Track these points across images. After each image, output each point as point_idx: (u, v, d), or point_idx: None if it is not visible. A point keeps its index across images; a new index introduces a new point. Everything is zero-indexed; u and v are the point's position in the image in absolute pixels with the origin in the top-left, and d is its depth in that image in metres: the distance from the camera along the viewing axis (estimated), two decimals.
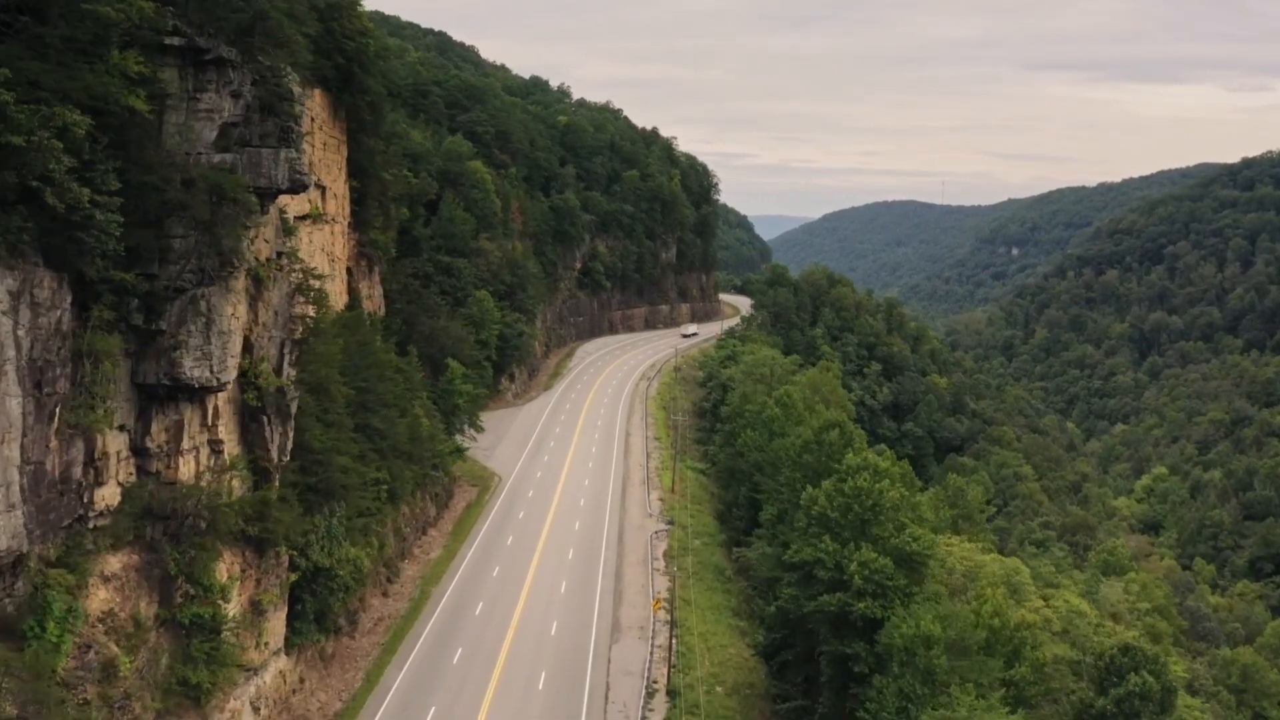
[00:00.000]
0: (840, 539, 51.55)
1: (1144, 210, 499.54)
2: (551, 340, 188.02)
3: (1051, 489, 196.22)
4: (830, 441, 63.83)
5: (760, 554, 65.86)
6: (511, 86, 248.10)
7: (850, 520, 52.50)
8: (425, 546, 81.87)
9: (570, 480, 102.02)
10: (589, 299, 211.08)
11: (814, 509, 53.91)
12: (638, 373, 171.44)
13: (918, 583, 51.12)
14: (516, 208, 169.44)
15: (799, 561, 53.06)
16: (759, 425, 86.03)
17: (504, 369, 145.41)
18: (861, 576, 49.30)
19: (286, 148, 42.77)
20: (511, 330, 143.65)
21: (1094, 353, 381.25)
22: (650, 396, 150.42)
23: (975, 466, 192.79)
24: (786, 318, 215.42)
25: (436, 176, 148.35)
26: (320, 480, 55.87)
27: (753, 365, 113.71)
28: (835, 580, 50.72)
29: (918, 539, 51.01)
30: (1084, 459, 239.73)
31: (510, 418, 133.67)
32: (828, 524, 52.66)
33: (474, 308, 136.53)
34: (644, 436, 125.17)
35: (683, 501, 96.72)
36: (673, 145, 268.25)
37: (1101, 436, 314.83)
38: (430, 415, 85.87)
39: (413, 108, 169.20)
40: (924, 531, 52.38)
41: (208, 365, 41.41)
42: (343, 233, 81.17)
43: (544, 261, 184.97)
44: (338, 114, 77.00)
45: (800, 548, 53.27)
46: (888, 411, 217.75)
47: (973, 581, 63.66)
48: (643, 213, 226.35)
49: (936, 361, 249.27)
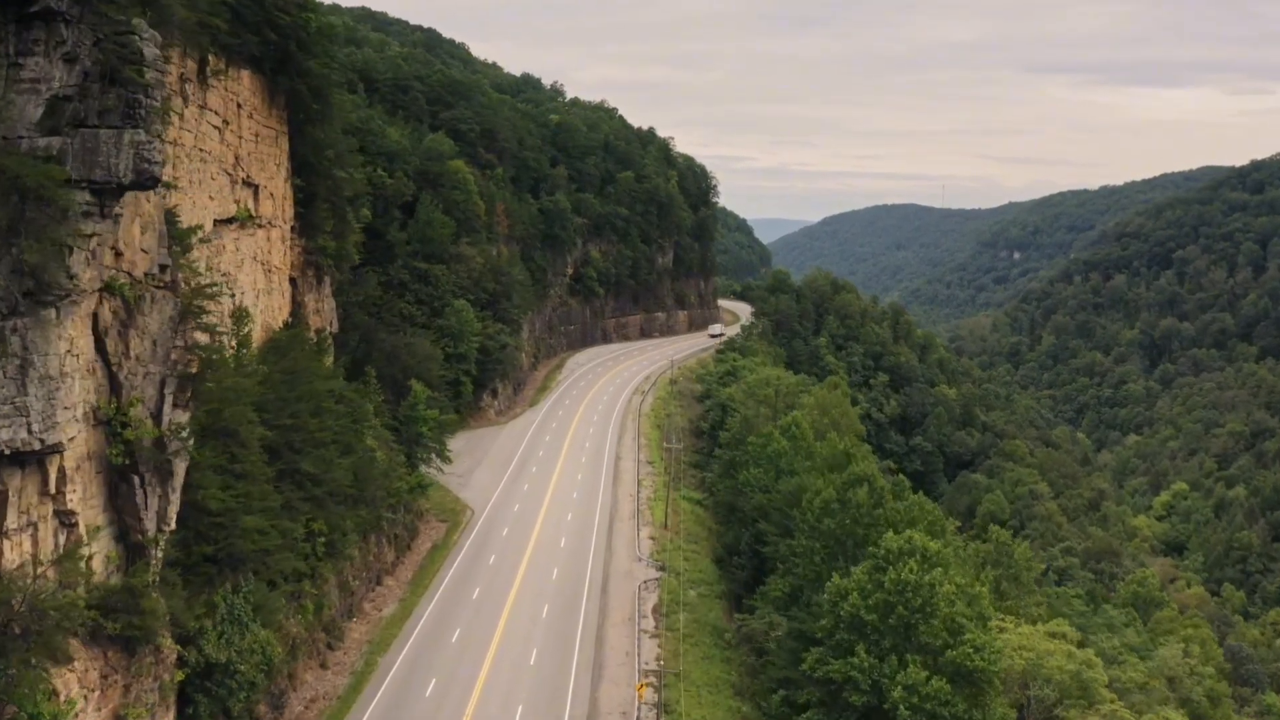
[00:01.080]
0: (878, 649, 40.41)
1: (1151, 213, 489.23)
2: (540, 351, 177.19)
3: (1069, 508, 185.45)
4: (858, 503, 52.58)
5: (770, 637, 54.67)
6: (501, 84, 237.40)
7: (892, 625, 41.17)
8: (379, 600, 70.94)
9: (551, 514, 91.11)
10: (581, 307, 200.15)
11: (843, 607, 42.88)
12: (631, 386, 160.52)
13: (980, 706, 39.90)
14: (502, 210, 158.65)
15: (823, 678, 41.97)
16: (763, 461, 75.25)
17: (485, 384, 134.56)
18: (908, 705, 38.12)
19: (133, 128, 31.97)
20: (494, 342, 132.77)
21: (1103, 360, 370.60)
22: (644, 413, 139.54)
23: (990, 485, 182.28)
24: (789, 326, 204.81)
25: (414, 177, 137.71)
26: (221, 549, 45.07)
27: (755, 386, 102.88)
28: (872, 707, 39.43)
29: (981, 649, 39.75)
30: (1100, 474, 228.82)
31: (491, 438, 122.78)
32: (861, 629, 41.51)
33: (451, 318, 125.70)
34: (635, 460, 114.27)
35: (676, 540, 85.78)
36: (670, 146, 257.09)
37: (1114, 448, 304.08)
38: (387, 447, 74.98)
39: (392, 104, 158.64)
40: (989, 637, 41.12)
41: (22, 423, 30.61)
42: (284, 238, 70.35)
43: (532, 267, 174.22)
44: (274, 101, 66.20)
45: (823, 659, 42.16)
46: (895, 425, 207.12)
47: (1033, 680, 52.55)
48: (638, 216, 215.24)
49: (945, 371, 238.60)
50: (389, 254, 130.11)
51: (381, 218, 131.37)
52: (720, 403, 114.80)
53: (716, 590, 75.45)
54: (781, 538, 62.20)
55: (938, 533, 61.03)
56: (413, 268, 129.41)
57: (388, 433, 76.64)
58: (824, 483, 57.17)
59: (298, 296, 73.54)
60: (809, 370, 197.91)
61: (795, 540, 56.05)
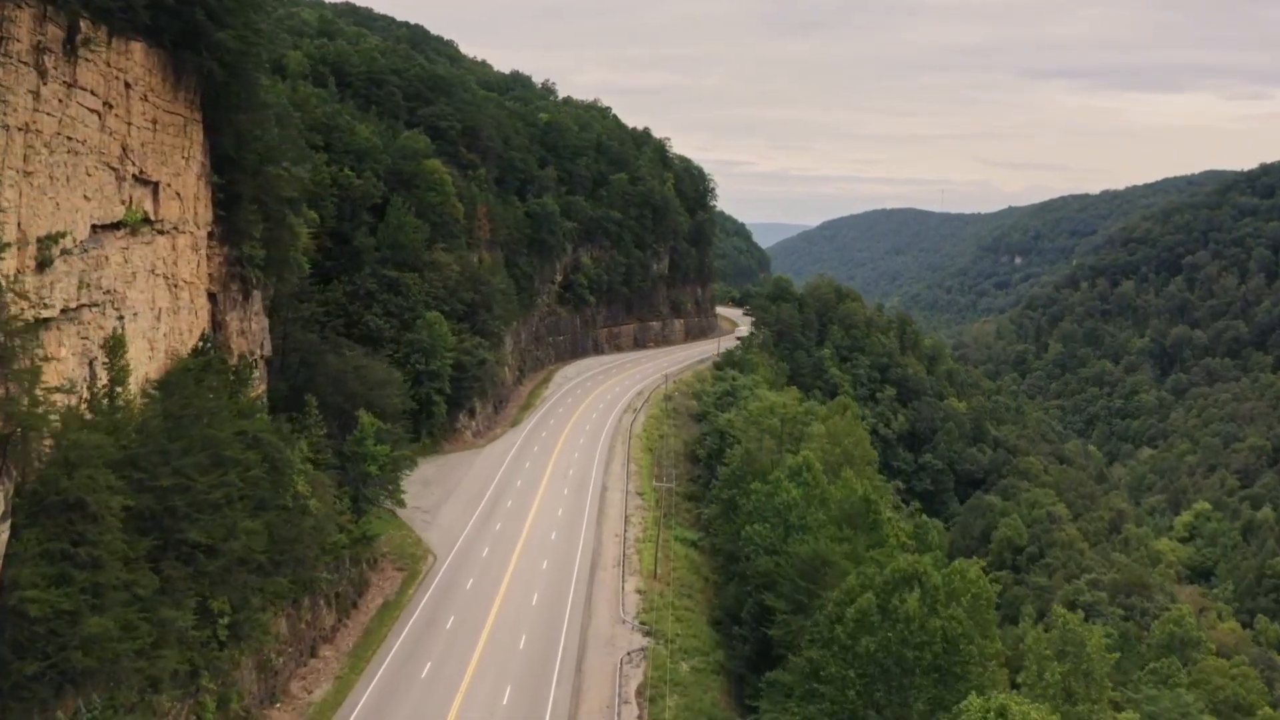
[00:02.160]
0: None
1: (1159, 218, 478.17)
2: (526, 364, 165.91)
3: (1089, 531, 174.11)
4: (907, 615, 40.45)
5: None
6: (489, 81, 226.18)
7: None
8: (311, 678, 59.50)
9: (525, 561, 79.76)
10: (571, 316, 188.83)
11: None
12: (623, 402, 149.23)
13: None
14: (484, 213, 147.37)
15: None
16: (769, 513, 63.96)
17: (461, 403, 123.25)
18: None
19: None
20: (470, 357, 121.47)
21: (1113, 369, 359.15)
22: (635, 435, 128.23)
23: (1005, 508, 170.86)
24: (791, 337, 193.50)
25: (385, 177, 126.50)
26: (52, 664, 33.64)
27: (758, 414, 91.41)
28: None
29: None
30: (1117, 492, 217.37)
31: (465, 465, 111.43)
32: None
33: (423, 331, 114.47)
34: (624, 491, 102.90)
35: (667, 595, 74.41)
36: (666, 147, 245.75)
37: (1126, 461, 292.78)
38: (325, 493, 63.58)
39: (365, 99, 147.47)
40: None
41: None
42: (196, 246, 59.00)
43: (517, 275, 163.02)
44: (180, 81, 54.85)
45: None
46: (903, 441, 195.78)
47: None
48: (632, 220, 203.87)
49: (954, 383, 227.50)
50: (356, 261, 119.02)
51: (350, 221, 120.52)
52: (718, 429, 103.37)
53: (713, 661, 63.98)
54: (793, 614, 50.91)
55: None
56: (381, 276, 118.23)
57: (325, 476, 65.23)
58: (856, 580, 45.13)
59: (218, 315, 62.18)
60: (812, 383, 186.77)
61: (817, 650, 44.28)
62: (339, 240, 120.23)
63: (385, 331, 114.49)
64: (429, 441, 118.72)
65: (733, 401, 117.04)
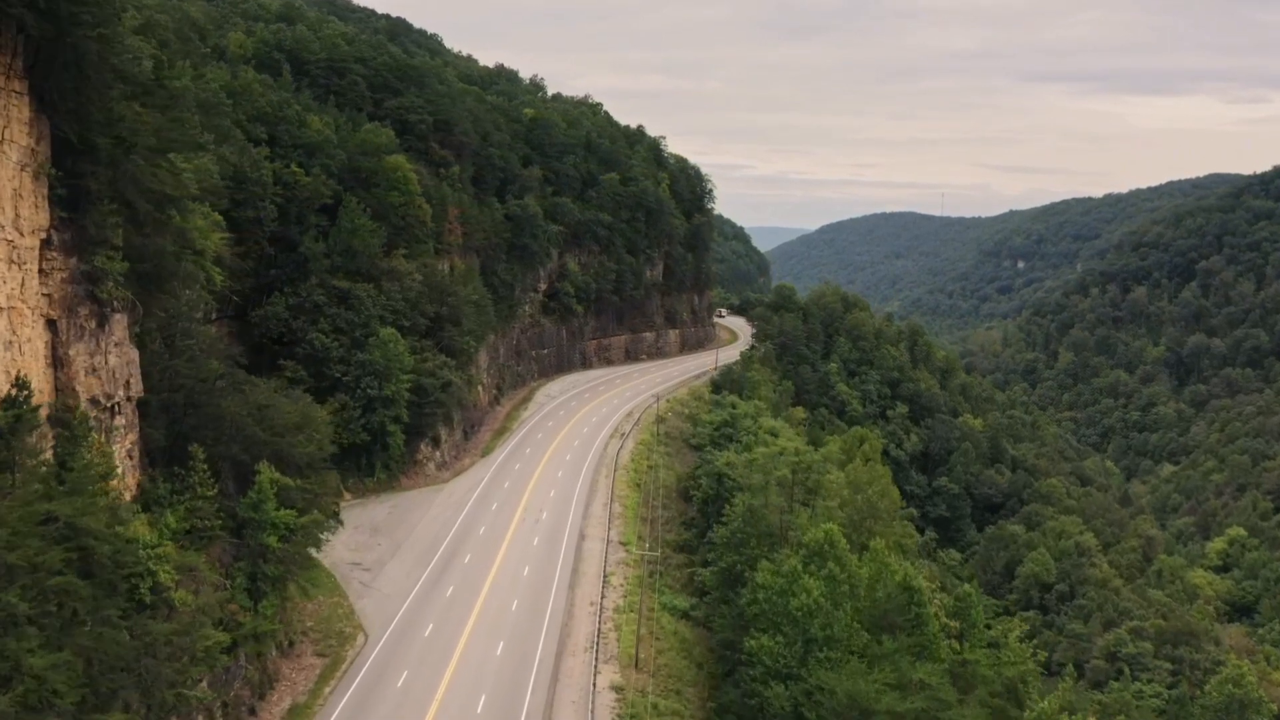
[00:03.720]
0: None
1: (1170, 221, 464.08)
2: (505, 381, 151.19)
3: (1121, 564, 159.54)
4: None
5: None
6: (470, 75, 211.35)
7: None
8: None
9: (476, 643, 64.96)
10: (556, 327, 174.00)
11: None
12: (610, 425, 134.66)
13: None
14: (455, 215, 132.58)
15: None
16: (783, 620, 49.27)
17: (423, 431, 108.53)
18: None
19: None
20: (433, 380, 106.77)
21: (1128, 379, 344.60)
22: (622, 465, 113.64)
23: (1030, 539, 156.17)
24: (795, 350, 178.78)
25: (340, 174, 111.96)
26: None
27: (765, 461, 75.82)
28: None
29: None
30: (1145, 517, 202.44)
31: (423, 505, 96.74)
32: None
33: (375, 351, 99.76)
34: (604, 540, 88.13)
35: (650, 691, 59.58)
36: (661, 146, 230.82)
37: (1146, 478, 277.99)
38: (201, 581, 48.75)
39: (325, 89, 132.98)
40: None
41: None
42: (17, 259, 44.24)
43: (495, 283, 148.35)
44: None
45: None
46: (916, 463, 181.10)
47: None
48: (623, 223, 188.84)
49: (969, 398, 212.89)
50: (302, 270, 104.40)
51: (297, 224, 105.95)
52: (716, 472, 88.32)
53: None
54: None
55: None
56: (331, 287, 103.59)
57: (199, 556, 50.30)
58: None
59: (59, 349, 47.41)
60: (818, 400, 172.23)
61: None
62: (284, 246, 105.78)
63: (333, 351, 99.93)
64: (384, 477, 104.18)
65: (732, 434, 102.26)
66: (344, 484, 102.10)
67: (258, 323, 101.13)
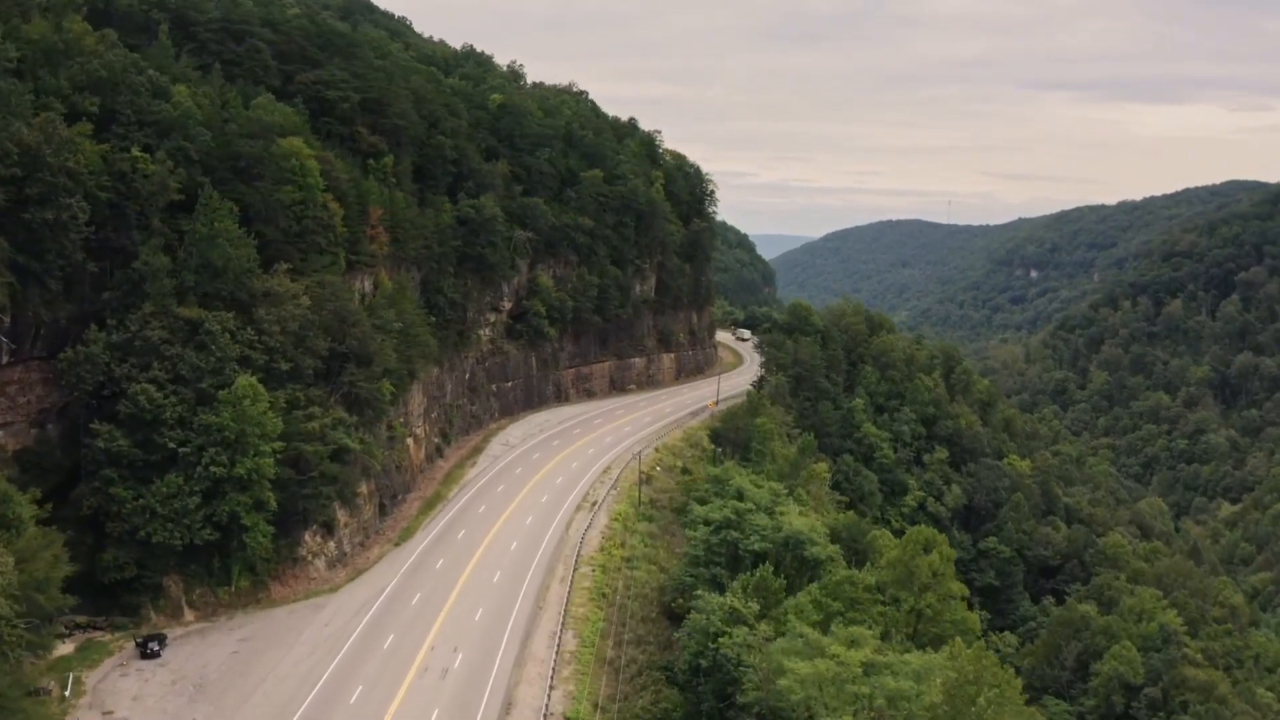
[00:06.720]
0: None
1: (1204, 230, 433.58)
2: (453, 426, 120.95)
3: (1217, 654, 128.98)
4: None
5: None
6: (431, 56, 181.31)
7: None
8: None
9: None
10: (523, 354, 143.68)
11: None
12: (580, 487, 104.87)
13: None
14: (378, 217, 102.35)
15: None
16: None
17: (306, 519, 78.19)
18: None
19: None
20: (318, 447, 76.57)
21: (1170, 401, 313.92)
22: (586, 557, 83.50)
23: (1106, 625, 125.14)
24: (813, 382, 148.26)
25: (208, 161, 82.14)
26: None
27: (815, 676, 44.28)
28: None
29: None
30: (1224, 580, 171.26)
31: (287, 638, 66.47)
32: None
33: (223, 412, 69.59)
34: (542, 709, 57.80)
35: None
36: (655, 141, 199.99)
37: (1200, 517, 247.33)
38: None
39: (216, 57, 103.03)
40: None
41: None
42: None
43: (441, 302, 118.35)
44: None
45: None
46: (958, 519, 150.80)
47: None
48: (608, 229, 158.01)
49: (1013, 435, 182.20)
50: (137, 292, 74.45)
51: (137, 229, 76.13)
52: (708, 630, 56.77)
53: None
54: None
55: None
56: (174, 317, 73.54)
57: None
58: None
59: None
60: (841, 444, 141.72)
61: None
62: (117, 259, 76.03)
63: (167, 410, 69.90)
64: (247, 584, 73.97)
65: (739, 524, 71.70)
66: (188, 597, 72.48)
67: (66, 368, 71.45)
